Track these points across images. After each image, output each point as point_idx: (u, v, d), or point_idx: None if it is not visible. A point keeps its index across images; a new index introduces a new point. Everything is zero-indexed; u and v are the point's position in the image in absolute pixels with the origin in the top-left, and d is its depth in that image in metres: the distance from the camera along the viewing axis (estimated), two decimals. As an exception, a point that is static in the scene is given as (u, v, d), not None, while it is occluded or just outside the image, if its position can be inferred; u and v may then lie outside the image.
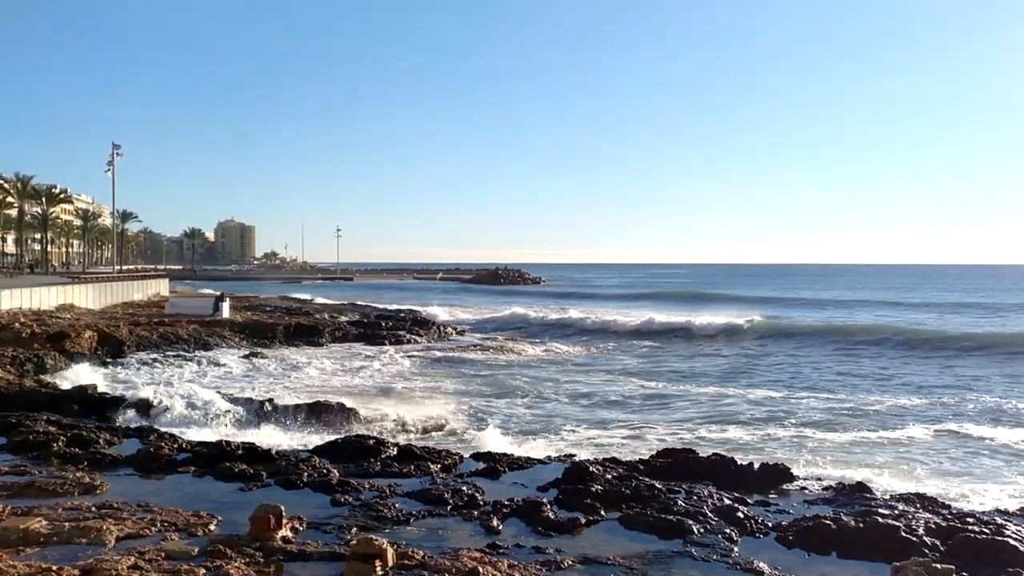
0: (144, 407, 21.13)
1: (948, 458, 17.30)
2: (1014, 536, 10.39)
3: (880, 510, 11.86)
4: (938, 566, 8.18)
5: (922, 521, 11.22)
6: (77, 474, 13.57)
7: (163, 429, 18.05)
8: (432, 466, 14.69)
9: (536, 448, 17.65)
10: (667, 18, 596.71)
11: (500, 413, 22.62)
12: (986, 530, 10.65)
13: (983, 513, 11.99)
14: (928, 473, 15.87)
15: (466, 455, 15.92)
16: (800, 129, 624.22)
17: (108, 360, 31.77)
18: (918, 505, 12.37)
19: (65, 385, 24.83)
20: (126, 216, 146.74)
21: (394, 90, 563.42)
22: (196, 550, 9.68)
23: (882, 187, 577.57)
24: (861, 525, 10.92)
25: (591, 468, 13.95)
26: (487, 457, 15.57)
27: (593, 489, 12.72)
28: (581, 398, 25.70)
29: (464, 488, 12.90)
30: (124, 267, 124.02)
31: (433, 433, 20.09)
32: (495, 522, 11.32)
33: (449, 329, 49.84)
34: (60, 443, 15.78)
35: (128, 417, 20.41)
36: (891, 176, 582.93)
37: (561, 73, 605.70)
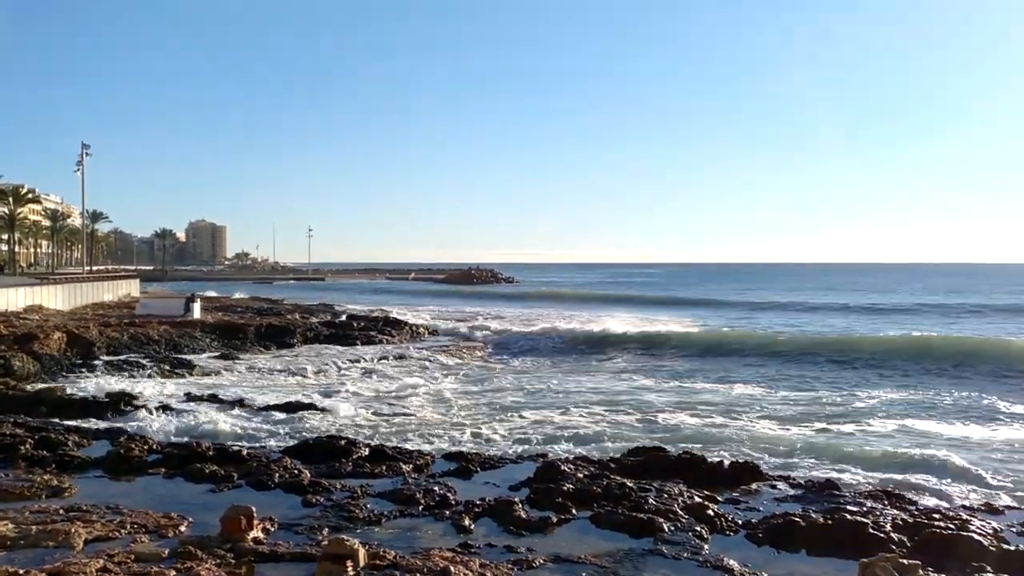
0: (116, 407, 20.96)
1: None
2: (978, 531, 10.56)
3: (848, 507, 12.02)
4: (905, 561, 8.31)
5: (889, 517, 11.39)
6: (45, 477, 13.45)
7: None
8: (404, 466, 14.70)
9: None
10: (642, 18, 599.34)
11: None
12: (951, 525, 10.82)
13: (949, 509, 12.18)
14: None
15: (438, 455, 15.93)
16: (783, 128, 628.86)
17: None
18: (885, 502, 12.54)
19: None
20: (96, 216, 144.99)
21: (367, 91, 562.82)
22: (166, 552, 9.63)
23: (861, 186, 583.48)
24: (830, 522, 11.05)
25: (563, 467, 14.02)
26: (459, 457, 15.59)
27: (564, 488, 12.78)
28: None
29: (436, 488, 12.92)
30: (94, 268, 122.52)
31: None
32: (467, 522, 11.34)
33: (421, 330, 49.64)
34: (27, 446, 15.60)
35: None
36: (869, 174, 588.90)
37: (538, 74, 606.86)
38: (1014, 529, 11.19)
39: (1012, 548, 10.09)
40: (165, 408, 21.30)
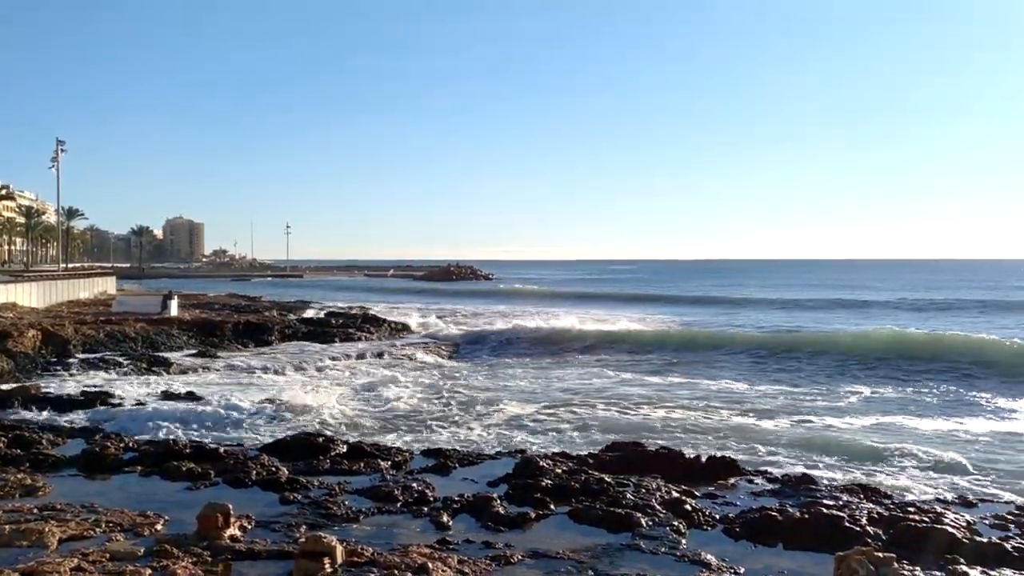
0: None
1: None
2: (952, 524, 10.67)
3: (824, 501, 12.10)
4: (880, 554, 8.35)
5: (865, 511, 11.46)
6: (18, 476, 13.30)
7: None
8: (382, 463, 14.67)
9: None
10: (621, 15, 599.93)
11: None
12: (926, 519, 10.92)
13: (923, 502, 12.29)
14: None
15: (416, 452, 15.91)
16: (767, 123, 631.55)
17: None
18: (861, 496, 12.63)
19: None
20: (71, 213, 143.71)
21: (345, 88, 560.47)
22: (142, 550, 9.55)
23: (847, 181, 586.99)
24: (806, 516, 11.12)
25: (541, 463, 14.03)
26: (437, 453, 15.57)
27: (543, 483, 12.79)
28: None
29: (414, 485, 12.90)
30: (70, 265, 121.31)
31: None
32: (445, 518, 11.33)
33: (401, 327, 49.49)
34: (0, 444, 15.43)
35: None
36: (852, 172, 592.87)
37: (519, 72, 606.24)
38: (987, 521, 11.30)
39: (985, 540, 10.20)
40: (141, 406, 21.13)
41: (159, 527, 10.61)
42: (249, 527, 10.63)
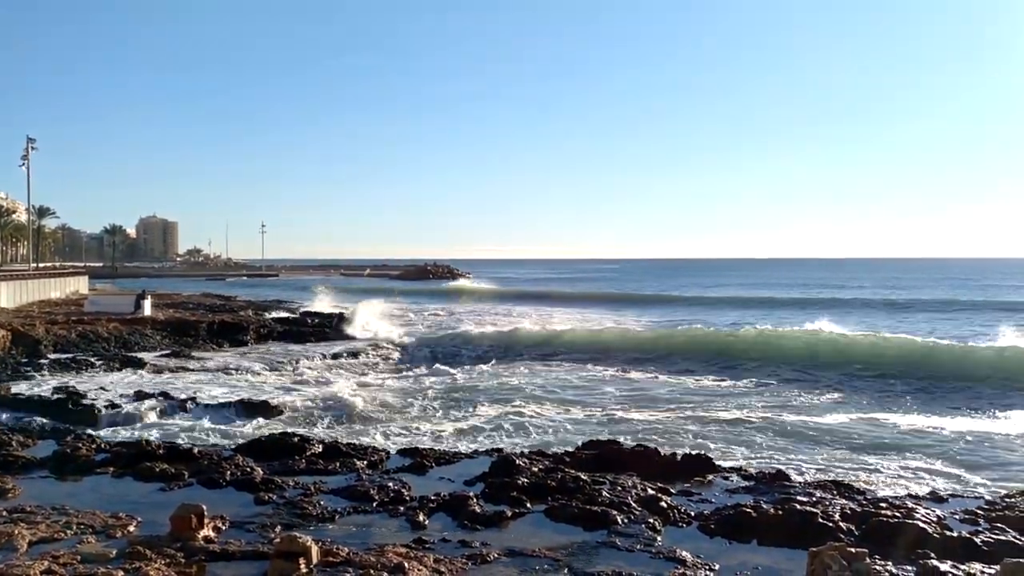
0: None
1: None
2: (923, 519, 10.78)
3: (799, 497, 12.18)
4: (853, 550, 8.43)
5: (838, 507, 11.55)
6: (-12, 477, 13.12)
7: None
8: (358, 462, 14.61)
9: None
10: (603, 14, 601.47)
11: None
12: (898, 514, 11.02)
13: (895, 498, 12.40)
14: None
15: (393, 451, 15.87)
16: (747, 124, 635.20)
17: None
18: (835, 492, 12.72)
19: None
20: (43, 212, 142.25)
21: (320, 87, 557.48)
22: (114, 552, 9.45)
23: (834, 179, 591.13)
24: (780, 512, 11.19)
25: (517, 461, 14.03)
26: (414, 452, 15.53)
27: (519, 482, 12.78)
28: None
29: (390, 484, 12.85)
30: (41, 265, 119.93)
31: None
32: (421, 517, 11.30)
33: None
34: (-31, 446, 15.24)
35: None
36: (834, 170, 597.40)
37: (496, 69, 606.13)
38: (957, 516, 11.41)
39: (955, 535, 10.31)
40: (113, 407, 20.93)
41: (131, 529, 10.50)
42: (223, 528, 10.54)
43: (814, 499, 12.09)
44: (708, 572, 9.33)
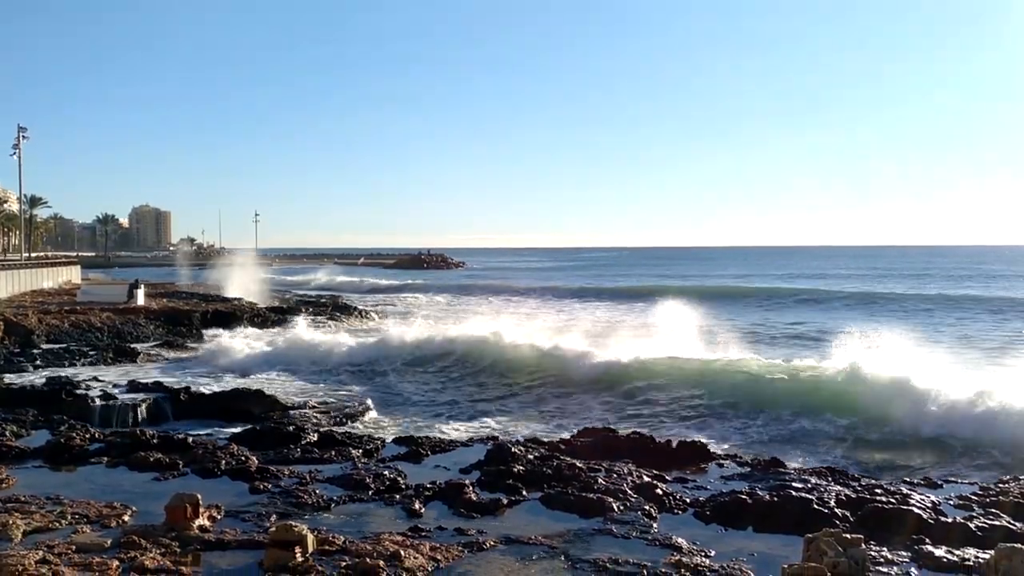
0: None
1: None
2: (918, 505, 10.81)
3: (794, 484, 12.19)
4: (848, 536, 8.45)
5: (833, 493, 11.57)
6: (-19, 468, 13.07)
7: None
8: (353, 451, 14.59)
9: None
10: (580, 4, 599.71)
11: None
12: (892, 500, 11.05)
13: (890, 483, 12.43)
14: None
15: (388, 440, 15.86)
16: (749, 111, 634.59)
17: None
18: (829, 478, 12.74)
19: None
20: (35, 201, 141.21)
21: (311, 77, 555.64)
22: (109, 542, 9.43)
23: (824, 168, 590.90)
24: (775, 499, 11.21)
25: (513, 449, 14.02)
26: (409, 441, 15.53)
27: (515, 470, 12.78)
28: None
29: (386, 472, 12.84)
30: (33, 254, 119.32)
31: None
32: (417, 505, 11.30)
33: (371, 314, 49.34)
34: (-37, 436, 15.18)
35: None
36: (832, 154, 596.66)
37: (489, 59, 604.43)
38: (951, 502, 11.46)
39: (949, 520, 10.36)
40: (108, 397, 20.85)
41: (126, 518, 10.48)
42: (218, 517, 10.52)
43: (809, 485, 12.11)
44: (704, 558, 9.33)
